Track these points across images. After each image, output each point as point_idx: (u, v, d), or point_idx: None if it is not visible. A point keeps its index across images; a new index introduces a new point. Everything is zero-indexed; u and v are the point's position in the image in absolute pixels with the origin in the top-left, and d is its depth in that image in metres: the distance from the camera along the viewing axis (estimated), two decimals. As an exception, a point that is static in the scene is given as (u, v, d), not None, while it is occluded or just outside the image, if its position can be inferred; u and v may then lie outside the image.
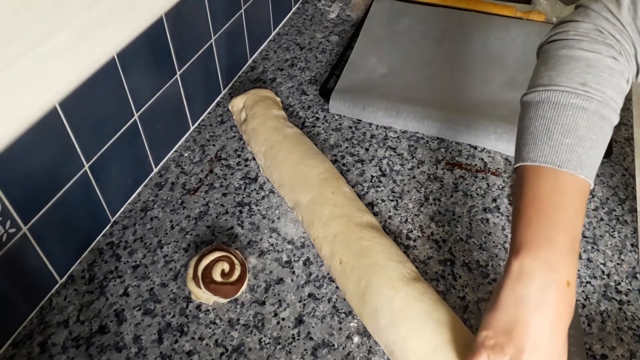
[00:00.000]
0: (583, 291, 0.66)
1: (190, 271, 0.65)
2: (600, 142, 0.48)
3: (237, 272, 0.65)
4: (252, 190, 0.79)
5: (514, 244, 0.49)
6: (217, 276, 0.64)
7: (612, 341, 0.61)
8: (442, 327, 0.59)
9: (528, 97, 0.53)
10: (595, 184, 0.78)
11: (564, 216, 0.47)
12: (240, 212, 0.76)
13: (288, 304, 0.65)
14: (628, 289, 0.66)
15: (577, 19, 0.54)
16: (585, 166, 0.48)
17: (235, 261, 0.65)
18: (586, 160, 0.48)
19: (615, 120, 0.50)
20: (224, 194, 0.78)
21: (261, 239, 0.72)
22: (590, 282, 0.67)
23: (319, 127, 0.89)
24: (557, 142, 0.48)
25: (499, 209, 0.75)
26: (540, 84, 0.52)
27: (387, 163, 0.82)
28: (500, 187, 0.78)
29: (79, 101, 0.62)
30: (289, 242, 0.72)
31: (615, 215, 0.74)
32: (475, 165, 0.82)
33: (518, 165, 0.51)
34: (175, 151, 0.85)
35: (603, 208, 0.75)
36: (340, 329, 0.63)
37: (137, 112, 0.73)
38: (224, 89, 0.96)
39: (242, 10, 0.93)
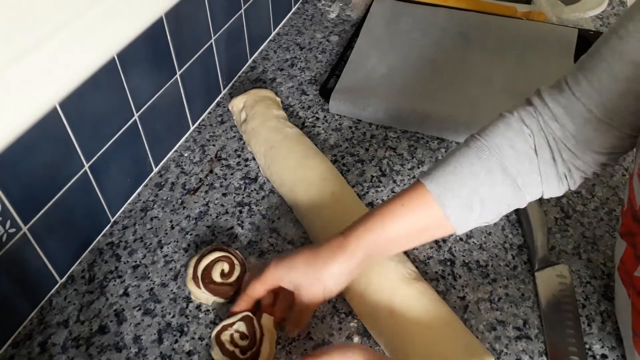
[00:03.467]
0: (583, 291, 0.66)
1: (190, 271, 0.65)
2: (466, 173, 0.55)
3: (236, 273, 0.65)
4: (252, 190, 0.79)
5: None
6: (216, 276, 0.64)
7: (612, 341, 0.61)
8: (442, 327, 0.59)
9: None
10: (594, 184, 0.78)
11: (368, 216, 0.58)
12: (240, 212, 0.76)
13: (288, 304, 0.65)
14: (628, 289, 0.66)
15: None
16: (433, 178, 0.55)
17: (235, 261, 0.65)
18: (437, 175, 0.55)
19: (493, 161, 0.55)
20: (224, 194, 0.78)
21: (261, 239, 0.72)
22: (590, 282, 0.67)
23: (319, 127, 0.89)
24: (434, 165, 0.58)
25: (499, 209, 0.75)
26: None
27: (387, 163, 0.82)
28: (500, 187, 0.78)
29: (79, 101, 0.62)
30: (289, 242, 0.72)
31: (615, 215, 0.74)
32: (475, 165, 0.82)
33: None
34: (175, 151, 0.85)
35: (603, 208, 0.75)
36: (340, 329, 0.63)
37: (137, 112, 0.73)
38: (224, 89, 0.96)
39: (242, 10, 0.93)
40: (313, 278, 0.56)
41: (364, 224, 0.57)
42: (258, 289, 0.59)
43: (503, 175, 0.55)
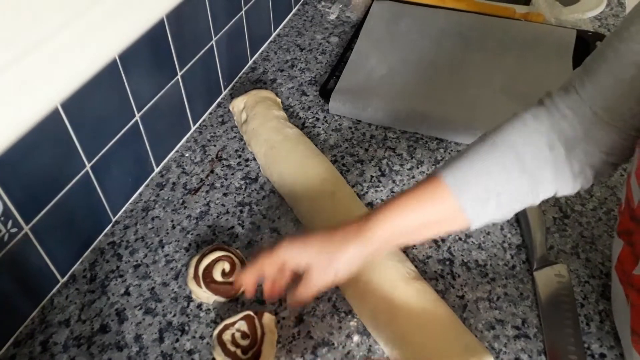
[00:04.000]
0: (582, 290, 0.66)
1: (191, 270, 0.65)
2: (482, 167, 0.55)
3: (237, 272, 0.65)
4: (252, 190, 0.79)
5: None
6: (217, 276, 0.64)
7: (610, 340, 0.62)
8: (441, 326, 0.60)
9: None
10: (594, 184, 0.78)
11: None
12: (241, 211, 0.76)
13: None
14: (626, 288, 0.66)
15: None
16: (450, 171, 0.56)
17: (236, 261, 0.66)
18: (454, 168, 0.56)
19: (509, 156, 0.55)
20: (225, 194, 0.79)
21: (261, 239, 0.72)
22: (588, 282, 0.67)
23: (319, 127, 0.89)
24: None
25: (498, 208, 0.75)
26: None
27: (387, 163, 0.83)
28: (500, 187, 0.78)
29: (81, 102, 0.62)
30: (289, 242, 0.72)
31: (614, 215, 0.74)
32: (475, 165, 0.82)
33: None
34: (177, 151, 0.85)
35: (601, 208, 0.75)
36: (340, 327, 0.63)
37: (138, 113, 0.73)
38: (224, 89, 0.96)
39: (243, 12, 0.94)
40: (326, 259, 0.56)
41: (382, 212, 0.56)
42: (266, 263, 0.59)
43: (519, 172, 0.55)
